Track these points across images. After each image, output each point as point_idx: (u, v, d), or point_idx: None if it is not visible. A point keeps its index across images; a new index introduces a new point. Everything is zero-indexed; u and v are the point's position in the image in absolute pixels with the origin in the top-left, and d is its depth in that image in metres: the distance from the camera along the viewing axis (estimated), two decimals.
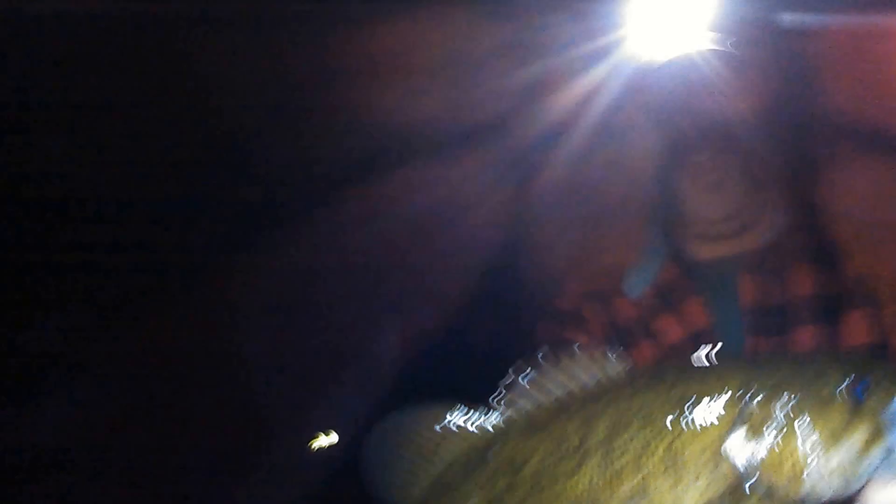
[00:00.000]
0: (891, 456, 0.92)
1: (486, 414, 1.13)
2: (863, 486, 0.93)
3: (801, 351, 1.04)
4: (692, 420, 1.00)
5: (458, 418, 1.14)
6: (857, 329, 1.63)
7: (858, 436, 0.93)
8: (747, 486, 0.96)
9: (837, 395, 0.96)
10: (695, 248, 1.83)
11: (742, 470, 0.95)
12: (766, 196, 1.75)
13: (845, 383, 0.96)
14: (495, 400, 1.12)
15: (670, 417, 1.00)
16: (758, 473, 0.95)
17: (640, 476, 0.99)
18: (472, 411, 1.14)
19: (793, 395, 0.97)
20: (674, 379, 1.04)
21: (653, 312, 1.83)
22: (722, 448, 0.97)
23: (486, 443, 1.12)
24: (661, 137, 1.78)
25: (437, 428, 1.15)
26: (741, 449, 0.96)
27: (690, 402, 1.00)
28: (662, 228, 1.89)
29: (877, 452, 0.92)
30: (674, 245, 1.86)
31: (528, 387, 1.11)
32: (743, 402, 0.98)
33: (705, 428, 0.99)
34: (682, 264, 1.84)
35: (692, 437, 0.99)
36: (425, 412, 1.16)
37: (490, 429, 1.13)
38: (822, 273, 1.68)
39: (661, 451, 0.99)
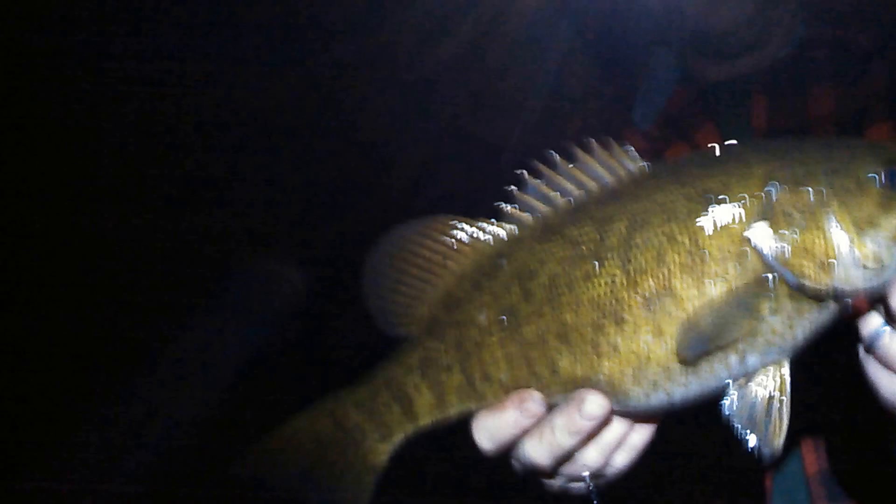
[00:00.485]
0: None
1: (496, 221, 1.06)
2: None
3: (827, 137, 0.96)
4: (717, 212, 0.93)
5: (466, 228, 1.07)
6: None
7: (892, 221, 0.88)
8: (776, 276, 0.91)
9: (870, 181, 0.89)
10: (705, 68, 1.73)
11: (771, 260, 0.90)
12: (782, 6, 1.64)
13: (880, 169, 0.90)
14: (506, 205, 1.05)
15: (694, 211, 0.94)
16: (787, 263, 0.89)
17: (663, 272, 0.94)
18: (480, 220, 1.07)
19: (824, 180, 0.90)
20: (696, 171, 0.96)
21: (664, 142, 1.75)
22: (749, 238, 0.91)
23: (497, 251, 1.05)
24: None
25: (445, 239, 1.07)
26: (769, 238, 0.90)
27: (714, 193, 0.94)
28: (672, 49, 1.78)
29: None
30: (684, 67, 1.76)
31: (540, 189, 1.03)
32: (770, 189, 0.92)
33: (731, 219, 0.93)
34: (693, 88, 1.75)
35: (717, 230, 0.93)
36: (431, 223, 1.08)
37: (502, 236, 1.06)
38: (843, 89, 1.59)
39: (685, 245, 0.94)
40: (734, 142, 0.99)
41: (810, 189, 0.91)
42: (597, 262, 0.98)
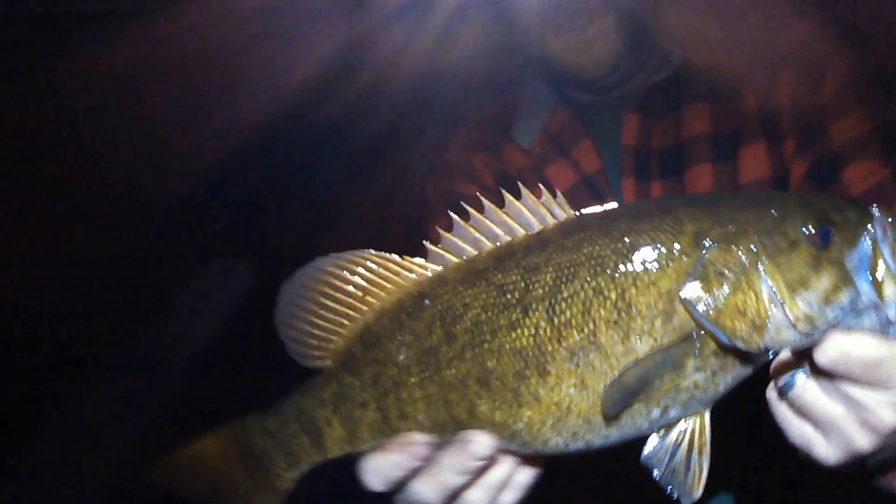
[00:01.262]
0: (856, 303, 0.86)
1: (421, 259, 1.02)
2: (826, 334, 0.86)
3: (757, 192, 0.94)
4: (646, 268, 0.91)
5: (389, 263, 1.02)
6: (756, 163, 1.57)
7: (825, 281, 0.86)
8: (703, 334, 0.90)
9: (802, 238, 0.88)
10: (580, 96, 1.74)
11: (702, 319, 0.88)
12: (652, 39, 1.64)
13: (810, 226, 0.88)
14: (431, 245, 1.01)
15: (622, 266, 0.92)
16: (719, 323, 0.87)
17: (589, 325, 0.92)
18: (404, 256, 1.02)
19: (756, 239, 0.89)
20: (626, 225, 0.93)
21: (544, 159, 1.75)
22: (679, 297, 0.89)
23: (421, 290, 1.01)
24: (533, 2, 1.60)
25: (367, 273, 1.03)
26: (700, 297, 0.88)
27: (644, 249, 0.91)
28: (547, 81, 1.78)
29: (844, 299, 0.86)
30: (560, 93, 1.76)
31: (467, 230, 1.00)
32: (702, 247, 0.90)
33: (660, 275, 0.91)
34: (570, 110, 1.75)
35: (646, 286, 0.91)
36: (354, 255, 1.03)
37: (427, 275, 1.02)
38: (717, 109, 1.60)
39: (612, 300, 0.91)
40: (667, 197, 0.97)
41: (742, 247, 0.89)
42: (522, 312, 0.94)
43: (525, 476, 1.05)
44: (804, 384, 0.91)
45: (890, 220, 0.87)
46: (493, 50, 1.80)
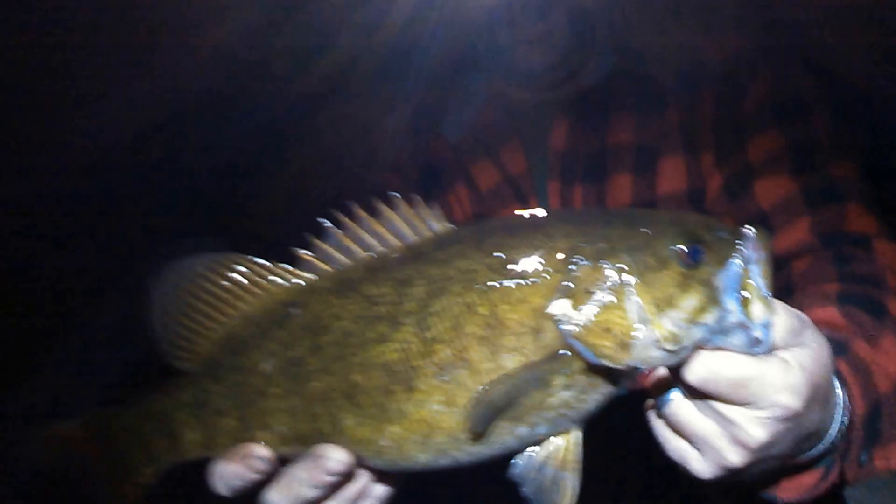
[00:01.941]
0: (723, 322, 0.86)
1: (291, 266, 0.98)
2: (692, 354, 0.88)
3: (633, 210, 0.93)
4: (518, 286, 0.90)
5: (259, 268, 0.98)
6: (673, 175, 1.61)
7: (691, 300, 0.86)
8: (572, 352, 0.89)
9: (672, 258, 0.88)
10: (516, 93, 1.74)
11: (570, 338, 0.88)
12: (592, 43, 1.65)
13: (681, 245, 0.88)
14: (303, 252, 0.97)
15: (494, 282, 0.90)
16: (586, 341, 0.87)
17: (460, 342, 0.90)
18: (276, 262, 0.98)
19: (626, 258, 0.88)
20: (500, 241, 0.92)
21: (470, 156, 1.76)
22: (549, 314, 0.89)
23: (290, 298, 0.98)
24: None
25: (235, 276, 0.98)
26: (569, 316, 0.88)
27: (516, 266, 0.90)
28: (485, 73, 1.78)
29: (709, 318, 0.86)
30: (495, 89, 1.77)
31: (340, 239, 0.97)
32: (571, 264, 0.89)
33: (530, 292, 0.90)
34: (503, 107, 1.76)
35: (517, 304, 0.90)
36: (222, 258, 0.98)
37: (297, 284, 0.98)
38: (642, 119, 1.64)
39: (483, 316, 0.90)
40: (541, 211, 0.96)
41: (612, 266, 0.88)
42: (391, 325, 0.92)
43: (383, 489, 1.05)
44: (678, 401, 0.93)
45: (762, 240, 0.88)
46: (441, 39, 1.75)
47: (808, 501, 1.06)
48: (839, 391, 1.01)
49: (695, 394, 0.90)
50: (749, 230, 0.89)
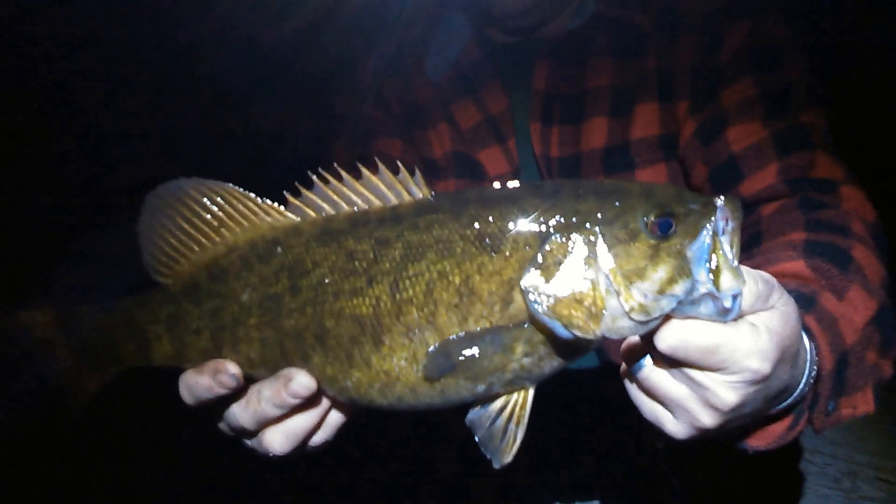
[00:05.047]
0: (692, 293, 0.88)
1: (280, 205, 1.01)
2: (661, 323, 0.90)
3: (605, 182, 0.94)
4: (490, 255, 0.92)
5: (248, 202, 1.01)
6: (648, 121, 1.63)
7: (661, 272, 0.87)
8: (536, 322, 0.92)
9: (642, 229, 0.89)
10: (496, 34, 1.75)
11: (539, 308, 0.90)
12: None
13: (651, 217, 0.89)
14: (289, 195, 1.00)
15: (467, 252, 0.93)
16: (556, 312, 0.89)
17: (429, 308, 0.93)
18: (267, 198, 1.01)
19: (597, 229, 0.90)
20: (476, 211, 0.94)
21: (452, 94, 1.76)
22: (519, 285, 0.91)
23: (275, 237, 1.00)
24: None
25: (225, 205, 1.01)
26: (537, 286, 0.90)
27: (490, 236, 0.93)
28: (466, 14, 1.78)
29: (679, 290, 0.87)
30: (476, 29, 1.77)
31: (326, 191, 0.99)
32: (543, 235, 0.91)
33: (503, 263, 0.92)
34: (484, 47, 1.76)
35: (489, 274, 0.92)
36: (215, 185, 1.01)
37: (283, 223, 1.01)
38: (620, 64, 1.64)
39: (454, 284, 0.93)
40: (516, 183, 0.97)
41: (582, 238, 0.90)
42: (367, 281, 0.95)
43: (340, 418, 1.09)
44: (650, 367, 0.96)
45: (732, 210, 0.89)
46: None
47: (776, 448, 1.10)
48: (808, 345, 1.04)
49: (667, 360, 0.93)
50: (719, 200, 0.89)
